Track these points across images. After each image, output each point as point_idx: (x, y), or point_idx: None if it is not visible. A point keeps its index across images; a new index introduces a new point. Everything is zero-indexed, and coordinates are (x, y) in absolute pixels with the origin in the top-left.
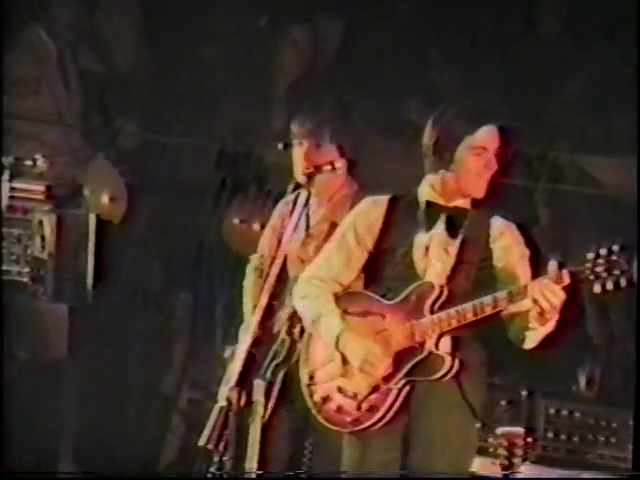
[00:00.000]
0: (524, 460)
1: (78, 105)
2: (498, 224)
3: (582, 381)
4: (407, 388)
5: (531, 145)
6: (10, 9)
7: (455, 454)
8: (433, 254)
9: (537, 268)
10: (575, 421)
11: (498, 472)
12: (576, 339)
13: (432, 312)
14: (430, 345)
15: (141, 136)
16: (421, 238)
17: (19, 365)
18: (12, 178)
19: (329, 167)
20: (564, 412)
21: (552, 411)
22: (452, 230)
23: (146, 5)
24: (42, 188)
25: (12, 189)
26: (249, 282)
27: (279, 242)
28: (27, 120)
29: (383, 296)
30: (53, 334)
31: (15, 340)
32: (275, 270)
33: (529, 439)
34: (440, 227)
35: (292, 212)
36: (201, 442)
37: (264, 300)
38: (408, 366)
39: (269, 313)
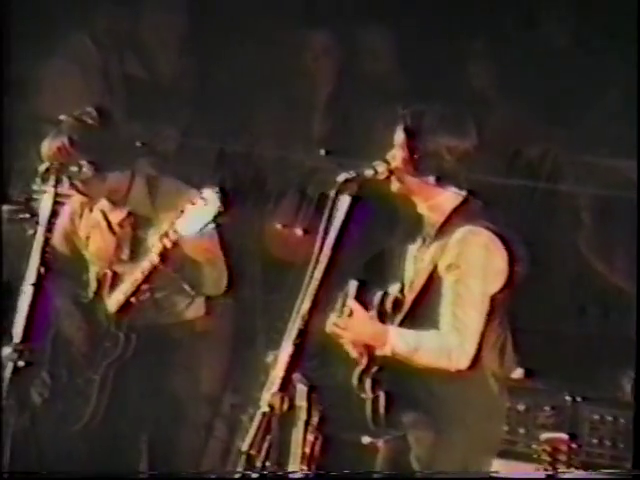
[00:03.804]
0: (568, 466)
1: (121, 111)
2: (463, 230)
3: (627, 387)
4: None
5: (571, 151)
6: (54, 16)
7: None
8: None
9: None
10: (620, 427)
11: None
12: (620, 345)
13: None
14: None
15: (183, 141)
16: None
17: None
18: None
19: None
20: (608, 418)
21: (596, 417)
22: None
23: (191, 11)
24: None
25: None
26: None
27: (321, 246)
28: None
29: None
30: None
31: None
32: (318, 275)
33: (573, 445)
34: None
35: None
36: (244, 448)
37: (306, 305)
38: None
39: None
